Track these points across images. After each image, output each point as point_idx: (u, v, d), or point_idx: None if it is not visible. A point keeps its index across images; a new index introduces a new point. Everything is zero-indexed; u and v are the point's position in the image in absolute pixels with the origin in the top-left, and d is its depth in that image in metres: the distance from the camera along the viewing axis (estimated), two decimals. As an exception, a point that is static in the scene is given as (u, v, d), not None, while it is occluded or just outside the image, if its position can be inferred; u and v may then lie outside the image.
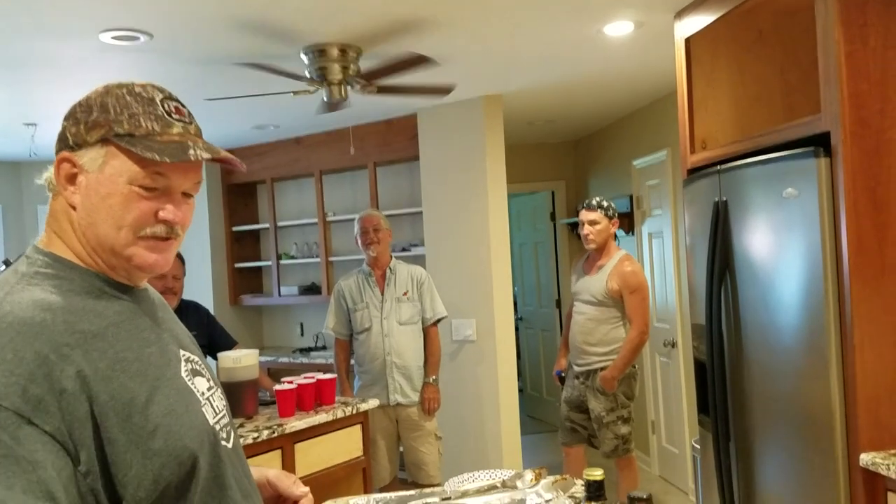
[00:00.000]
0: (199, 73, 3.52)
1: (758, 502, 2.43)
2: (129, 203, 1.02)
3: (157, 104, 1.06)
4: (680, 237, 4.49)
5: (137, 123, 1.03)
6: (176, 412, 1.00)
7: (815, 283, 2.11)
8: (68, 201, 1.04)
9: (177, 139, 1.04)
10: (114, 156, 1.02)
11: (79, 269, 1.03)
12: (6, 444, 0.85)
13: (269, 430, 2.81)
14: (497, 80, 4.17)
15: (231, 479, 1.07)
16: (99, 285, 1.03)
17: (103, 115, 1.03)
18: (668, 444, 4.90)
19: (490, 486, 1.66)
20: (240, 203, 6.04)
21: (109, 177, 1.02)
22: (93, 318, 0.98)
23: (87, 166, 1.02)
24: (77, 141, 1.03)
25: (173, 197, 1.06)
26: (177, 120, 1.06)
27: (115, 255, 1.04)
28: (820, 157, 2.09)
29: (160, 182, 1.04)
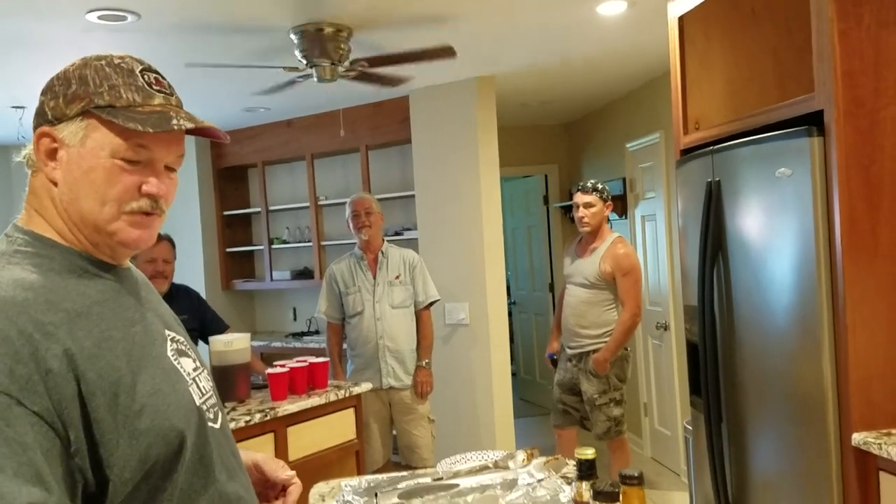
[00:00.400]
0: (187, 53, 3.48)
1: (750, 482, 2.44)
2: (112, 177, 1.00)
3: (137, 75, 1.03)
4: (673, 220, 4.49)
5: (118, 95, 1.00)
6: (162, 392, 0.99)
7: (807, 264, 2.11)
8: (49, 177, 1.01)
9: (158, 109, 1.02)
10: (95, 128, 1.00)
11: (60, 247, 1.01)
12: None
13: (261, 414, 2.81)
14: (490, 60, 4.14)
15: (217, 460, 1.06)
16: (81, 264, 1.01)
17: (83, 87, 1.00)
18: (660, 427, 4.92)
19: (482, 466, 1.66)
20: (230, 187, 6.00)
21: (91, 150, 0.99)
22: (76, 297, 0.96)
23: (67, 140, 1.00)
24: (56, 115, 1.00)
25: (156, 170, 1.04)
26: (157, 91, 1.04)
27: (99, 232, 1.02)
28: (813, 137, 2.08)
29: (143, 155, 1.01)
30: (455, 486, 1.53)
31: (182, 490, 0.99)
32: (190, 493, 1.01)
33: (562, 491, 1.47)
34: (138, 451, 0.93)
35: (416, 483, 1.58)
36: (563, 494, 1.45)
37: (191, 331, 3.32)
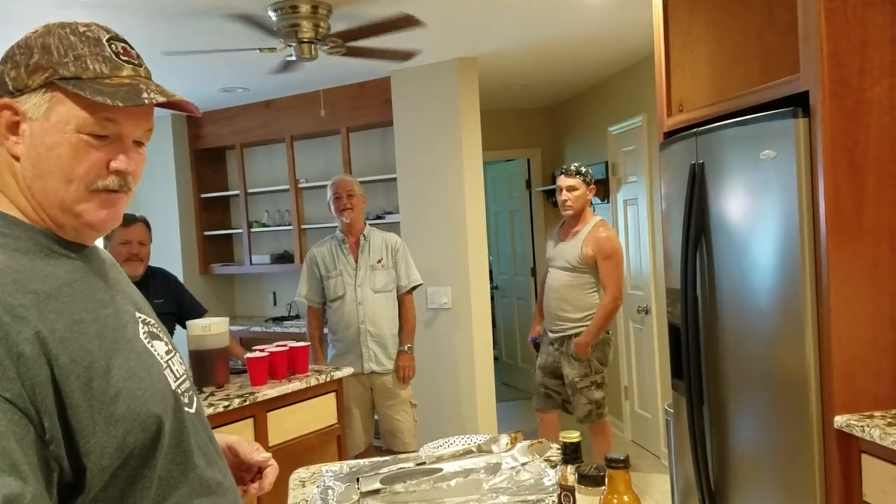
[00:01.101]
0: (161, 30, 3.40)
1: (731, 465, 2.44)
2: (79, 153, 0.94)
3: (104, 45, 0.98)
4: (655, 204, 4.48)
5: (84, 66, 0.95)
6: (138, 376, 0.95)
7: (791, 246, 2.10)
8: (10, 152, 0.96)
9: (127, 82, 0.97)
10: (59, 101, 0.94)
11: (24, 225, 0.95)
12: None
13: (240, 399, 2.77)
14: (472, 41, 4.09)
15: (194, 445, 1.02)
16: (46, 243, 0.96)
17: (46, 56, 0.94)
18: (640, 410, 4.94)
19: (465, 450, 1.64)
20: (208, 169, 5.91)
21: (55, 124, 0.94)
22: (44, 278, 0.91)
23: (30, 113, 0.94)
24: (17, 86, 0.94)
25: (125, 145, 0.98)
26: (125, 62, 0.98)
27: (64, 211, 0.96)
28: (798, 118, 2.06)
29: (110, 129, 0.96)
30: (438, 471, 1.51)
31: (161, 478, 0.96)
32: (169, 481, 0.97)
33: (546, 475, 1.45)
34: (115, 438, 0.89)
35: (398, 468, 1.56)
36: (548, 478, 1.43)
37: (168, 315, 3.28)
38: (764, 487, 2.29)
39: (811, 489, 2.07)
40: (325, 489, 1.52)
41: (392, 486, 1.47)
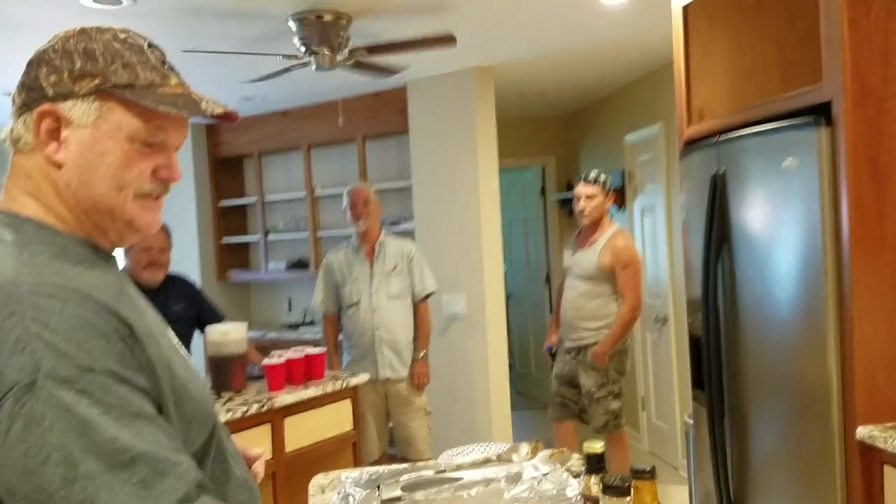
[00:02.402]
0: (183, 39, 3.43)
1: (752, 476, 2.42)
2: (130, 161, 0.94)
3: (147, 53, 0.98)
4: (673, 213, 4.46)
5: (135, 74, 0.94)
6: (191, 379, 0.98)
7: (813, 256, 2.08)
8: (51, 158, 0.93)
9: (180, 91, 0.97)
10: (111, 109, 0.93)
11: (65, 235, 0.94)
12: (118, 405, 0.80)
13: (258, 405, 2.77)
14: (489, 50, 4.10)
15: (227, 447, 1.05)
16: (87, 253, 0.95)
17: (91, 63, 0.93)
18: (657, 421, 4.91)
19: (485, 459, 1.63)
20: (226, 177, 5.95)
21: (107, 132, 0.93)
22: (104, 287, 0.91)
23: (76, 120, 0.92)
24: (61, 91, 0.92)
25: (169, 153, 0.99)
26: (169, 70, 0.99)
27: (113, 218, 0.96)
28: (821, 127, 2.05)
29: (159, 137, 0.97)
30: (458, 479, 1.51)
31: (215, 477, 0.98)
32: (216, 483, 0.99)
33: (568, 485, 1.44)
34: (188, 436, 0.92)
35: (418, 476, 1.56)
36: (570, 488, 1.42)
37: (187, 321, 3.30)
38: (785, 499, 2.27)
39: (833, 501, 2.05)
40: (346, 496, 1.52)
41: (412, 494, 1.47)
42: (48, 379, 0.77)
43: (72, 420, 0.77)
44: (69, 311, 0.82)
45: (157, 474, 0.78)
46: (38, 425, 0.76)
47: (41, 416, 0.76)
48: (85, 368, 0.80)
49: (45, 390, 0.77)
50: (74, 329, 0.81)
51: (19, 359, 0.78)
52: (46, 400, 0.77)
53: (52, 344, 0.79)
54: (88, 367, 0.80)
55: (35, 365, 0.78)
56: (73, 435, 0.76)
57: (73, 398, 0.77)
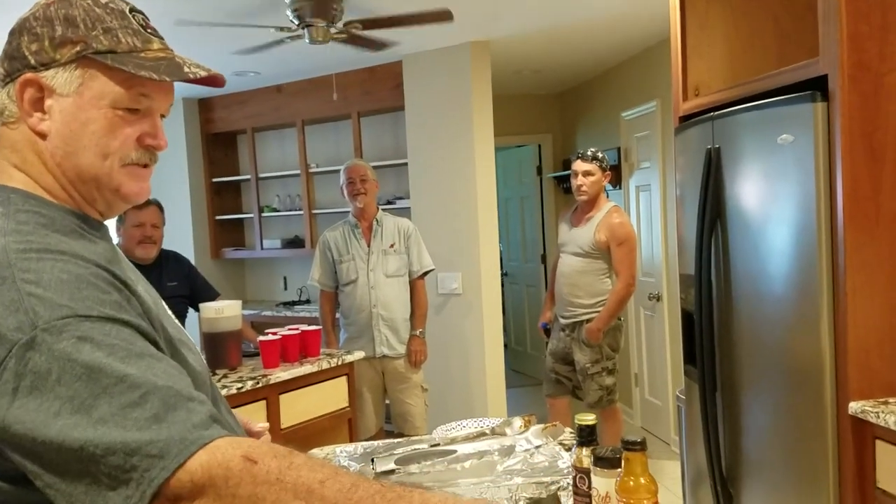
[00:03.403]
0: (177, 10, 3.38)
1: (743, 452, 2.44)
2: (114, 128, 0.93)
3: (130, 17, 0.96)
4: (668, 190, 4.46)
5: (116, 39, 0.93)
6: (185, 343, 0.99)
7: (808, 232, 2.08)
8: (35, 129, 0.93)
9: (162, 55, 0.96)
10: (93, 76, 0.92)
11: (54, 205, 0.94)
12: (123, 346, 0.81)
13: (253, 381, 2.78)
14: (485, 24, 4.07)
15: (228, 418, 1.06)
16: (77, 223, 0.95)
17: (72, 29, 0.92)
18: (650, 397, 4.94)
19: (479, 433, 1.64)
20: (220, 153, 5.91)
21: (89, 100, 0.92)
22: (93, 254, 0.91)
23: (59, 89, 0.91)
24: (42, 60, 0.91)
25: (154, 120, 0.97)
26: (151, 34, 0.97)
27: (100, 187, 0.95)
28: (817, 102, 2.04)
29: (144, 104, 0.95)
30: (452, 453, 1.51)
31: None
32: None
33: (560, 457, 1.45)
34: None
35: (412, 449, 1.56)
36: (562, 460, 1.43)
37: (181, 298, 3.30)
38: (777, 474, 2.29)
39: (825, 475, 2.07)
40: (340, 470, 1.53)
41: (406, 467, 1.47)
42: (46, 332, 0.78)
43: (77, 368, 0.77)
44: (59, 268, 0.83)
45: (169, 407, 0.78)
46: (46, 379, 0.76)
47: (47, 370, 0.77)
48: (82, 316, 0.80)
49: (46, 344, 0.77)
50: (66, 283, 0.82)
51: (15, 318, 0.78)
52: (49, 353, 0.77)
53: (45, 298, 0.80)
54: (85, 315, 0.80)
55: (32, 321, 0.78)
56: (82, 382, 0.77)
57: (74, 346, 0.78)
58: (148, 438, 0.75)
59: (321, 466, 0.79)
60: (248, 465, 0.76)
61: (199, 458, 0.75)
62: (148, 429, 0.76)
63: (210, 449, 0.76)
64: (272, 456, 0.78)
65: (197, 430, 0.77)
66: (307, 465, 0.78)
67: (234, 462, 0.76)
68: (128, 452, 0.74)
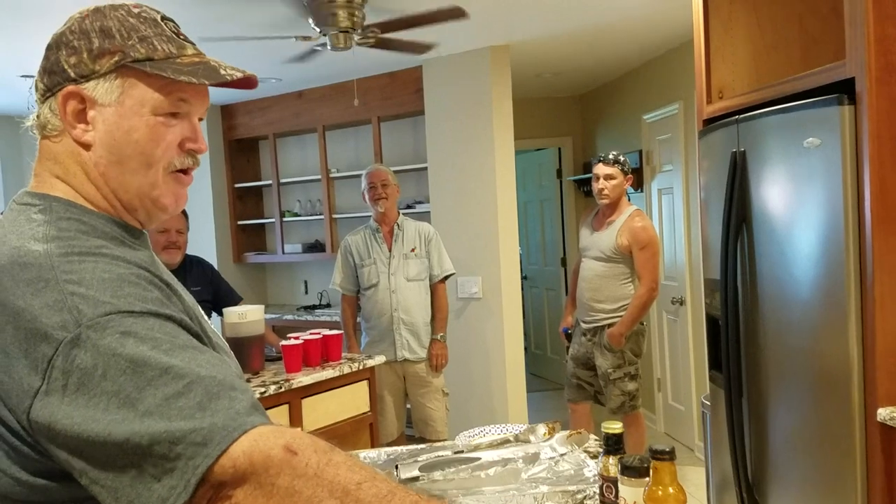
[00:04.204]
0: (200, 18, 3.42)
1: (769, 458, 2.41)
2: (156, 135, 0.94)
3: (162, 25, 0.97)
4: (691, 193, 4.42)
5: (153, 46, 0.94)
6: (223, 349, 1.00)
7: (835, 236, 2.05)
8: (79, 140, 0.94)
9: (197, 60, 0.97)
10: (132, 85, 0.93)
11: (95, 214, 0.95)
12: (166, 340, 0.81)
13: (276, 385, 2.79)
14: (505, 28, 4.06)
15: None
16: (118, 232, 0.96)
17: (108, 40, 0.93)
18: (673, 402, 4.90)
19: (503, 440, 1.63)
20: (242, 159, 5.96)
21: (131, 108, 0.93)
22: (137, 263, 0.92)
23: (100, 99, 0.93)
24: (82, 72, 0.92)
25: (193, 124, 0.98)
26: (185, 41, 0.99)
27: (142, 197, 0.96)
28: (844, 105, 2.01)
29: (183, 108, 0.96)
30: (476, 460, 1.51)
31: None
32: None
33: (586, 465, 1.44)
34: None
35: (436, 456, 1.56)
36: (588, 469, 1.42)
37: (204, 303, 3.32)
38: (803, 481, 2.26)
39: (852, 482, 2.04)
40: (364, 476, 1.53)
41: (430, 474, 1.47)
42: (90, 329, 0.79)
43: (122, 362, 0.78)
44: (101, 268, 0.84)
45: (212, 396, 0.78)
46: (92, 375, 0.77)
47: (93, 366, 0.78)
48: (125, 312, 0.81)
49: (91, 341, 0.78)
50: (108, 281, 0.83)
51: (60, 316, 0.79)
52: (94, 349, 0.78)
53: (88, 296, 0.81)
54: (128, 311, 0.81)
55: (76, 319, 0.79)
56: (127, 376, 0.77)
57: (118, 341, 0.79)
58: (192, 427, 0.75)
59: (360, 468, 0.79)
60: (289, 455, 0.76)
61: (241, 444, 0.76)
62: (192, 417, 0.76)
63: (252, 435, 0.77)
64: (313, 450, 0.78)
65: (241, 417, 0.77)
66: (346, 465, 0.78)
67: (275, 451, 0.76)
68: (173, 441, 0.75)
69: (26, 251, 0.85)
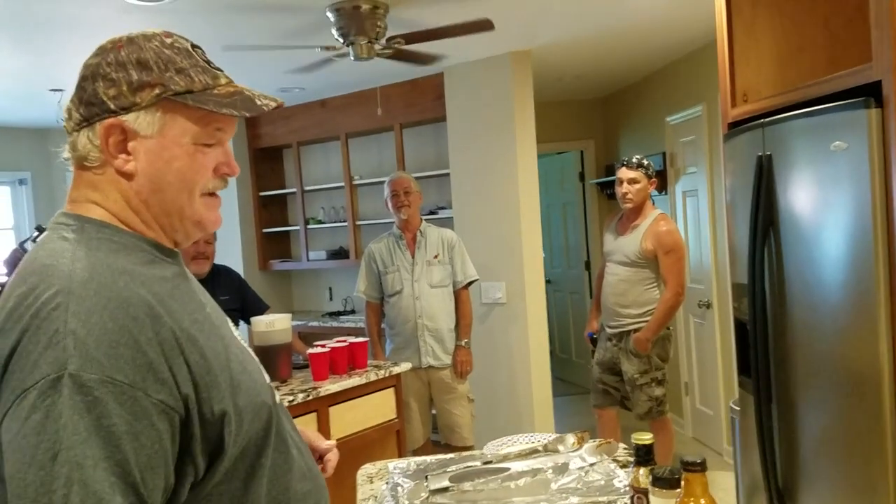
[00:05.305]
0: (224, 33, 3.47)
1: (800, 463, 2.38)
2: (195, 163, 0.98)
3: (195, 55, 1.00)
4: (717, 195, 4.39)
5: (190, 78, 0.97)
6: (247, 369, 1.00)
7: (863, 239, 2.03)
8: (120, 170, 0.97)
9: (232, 90, 1.00)
10: (173, 117, 0.96)
11: (127, 234, 0.98)
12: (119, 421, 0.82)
13: (304, 394, 2.82)
14: (526, 34, 4.07)
15: (289, 437, 1.07)
16: (149, 250, 0.99)
17: (147, 72, 0.95)
18: (701, 406, 4.86)
19: (531, 449, 1.64)
20: (266, 168, 6.02)
21: (172, 139, 0.96)
22: (159, 281, 0.95)
23: (142, 131, 0.95)
24: (122, 104, 0.95)
25: (226, 150, 1.03)
26: (216, 69, 1.02)
27: (182, 219, 1.00)
28: (871, 108, 1.99)
29: (218, 137, 1.01)
30: (505, 470, 1.51)
31: (272, 468, 1.00)
32: (276, 469, 1.01)
33: (616, 476, 1.44)
34: (240, 428, 0.94)
35: (465, 466, 1.57)
36: (618, 479, 1.42)
37: (232, 311, 3.36)
38: (834, 486, 2.24)
39: (884, 487, 2.01)
40: (394, 486, 1.54)
41: (460, 485, 1.48)
42: (71, 379, 0.80)
43: (84, 425, 0.80)
44: (109, 314, 0.85)
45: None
46: (56, 422, 0.79)
47: (59, 414, 0.80)
48: (106, 379, 0.82)
49: (67, 389, 0.80)
50: (109, 332, 0.84)
51: (52, 352, 0.81)
52: (66, 400, 0.80)
53: (83, 344, 0.82)
54: (110, 378, 0.82)
55: (63, 362, 0.81)
56: (84, 440, 0.79)
57: (89, 404, 0.80)
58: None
59: None
60: None
61: None
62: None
63: None
64: None
65: None
66: None
67: None
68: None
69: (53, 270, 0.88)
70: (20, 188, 5.87)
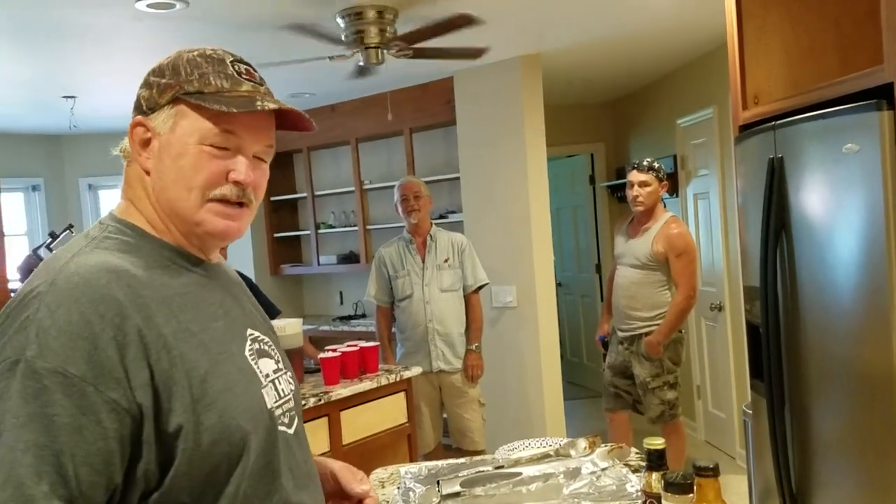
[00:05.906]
0: (235, 41, 3.49)
1: (814, 467, 2.37)
2: (199, 163, 0.99)
3: (228, 65, 1.03)
4: (728, 198, 4.38)
5: (207, 81, 1.00)
6: (234, 391, 0.97)
7: (876, 242, 2.02)
8: (142, 166, 1.02)
9: (245, 94, 1.02)
10: (183, 115, 0.99)
11: (149, 237, 1.01)
12: (62, 412, 0.84)
13: (315, 398, 2.83)
14: (535, 38, 4.07)
15: (284, 467, 1.03)
16: (168, 256, 1.01)
17: (174, 76, 1.01)
18: (714, 409, 4.84)
19: (543, 454, 1.63)
20: (277, 172, 5.99)
21: (180, 137, 0.99)
22: (158, 287, 0.96)
23: (158, 128, 1.00)
24: (150, 105, 1.01)
25: (240, 158, 1.02)
26: (247, 80, 1.04)
27: (185, 221, 1.01)
28: (882, 111, 1.98)
29: (231, 142, 1.01)
30: (517, 475, 1.51)
31: (245, 494, 0.96)
32: (252, 499, 0.97)
33: (628, 480, 1.44)
34: (200, 447, 0.91)
35: (476, 471, 1.57)
36: (630, 484, 1.42)
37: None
38: (848, 489, 2.22)
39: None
40: (406, 490, 1.55)
41: (472, 490, 1.48)
42: (26, 365, 0.84)
43: (26, 410, 0.83)
44: (78, 308, 0.87)
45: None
46: (4, 403, 0.84)
47: (9, 396, 0.84)
48: (58, 369, 0.84)
49: (20, 374, 0.84)
50: (72, 325, 0.86)
51: (18, 337, 0.86)
52: (17, 384, 0.84)
53: (45, 333, 0.86)
54: (62, 369, 0.85)
55: (23, 348, 0.85)
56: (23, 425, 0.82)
57: (37, 391, 0.83)
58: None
59: None
60: None
61: None
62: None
63: None
64: None
65: None
66: None
67: None
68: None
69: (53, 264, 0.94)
70: (33, 194, 5.92)
